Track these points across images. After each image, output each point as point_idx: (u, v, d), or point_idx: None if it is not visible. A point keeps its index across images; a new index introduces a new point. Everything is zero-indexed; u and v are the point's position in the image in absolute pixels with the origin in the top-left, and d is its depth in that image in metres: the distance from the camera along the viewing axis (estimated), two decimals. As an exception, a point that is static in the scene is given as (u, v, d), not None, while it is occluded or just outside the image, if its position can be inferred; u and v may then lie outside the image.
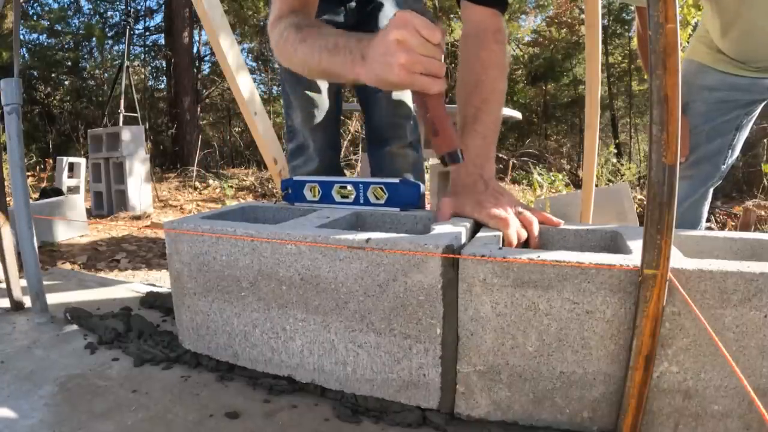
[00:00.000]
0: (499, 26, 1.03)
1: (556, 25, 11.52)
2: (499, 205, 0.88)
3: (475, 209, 0.89)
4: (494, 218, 0.86)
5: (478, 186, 0.93)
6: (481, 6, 1.02)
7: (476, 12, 1.02)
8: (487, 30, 1.01)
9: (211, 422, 0.77)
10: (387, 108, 1.46)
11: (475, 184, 0.93)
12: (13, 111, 1.16)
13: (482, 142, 0.96)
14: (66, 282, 1.53)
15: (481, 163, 0.95)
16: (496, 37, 1.01)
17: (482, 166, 0.95)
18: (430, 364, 0.75)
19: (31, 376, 0.91)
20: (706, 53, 1.43)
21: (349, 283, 0.78)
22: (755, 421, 0.67)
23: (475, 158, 0.94)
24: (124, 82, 6.04)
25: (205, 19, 1.78)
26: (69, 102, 10.56)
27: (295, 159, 1.56)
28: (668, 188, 0.58)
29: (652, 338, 0.63)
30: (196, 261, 0.91)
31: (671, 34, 0.54)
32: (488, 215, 0.87)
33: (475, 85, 0.99)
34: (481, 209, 0.88)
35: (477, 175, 0.94)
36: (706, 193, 1.52)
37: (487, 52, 1.00)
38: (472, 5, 1.03)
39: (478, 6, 1.02)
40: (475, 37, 1.02)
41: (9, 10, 6.40)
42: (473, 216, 0.89)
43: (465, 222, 0.88)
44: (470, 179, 0.94)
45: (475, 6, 1.02)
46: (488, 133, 0.97)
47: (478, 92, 0.98)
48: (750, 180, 6.10)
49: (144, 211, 4.34)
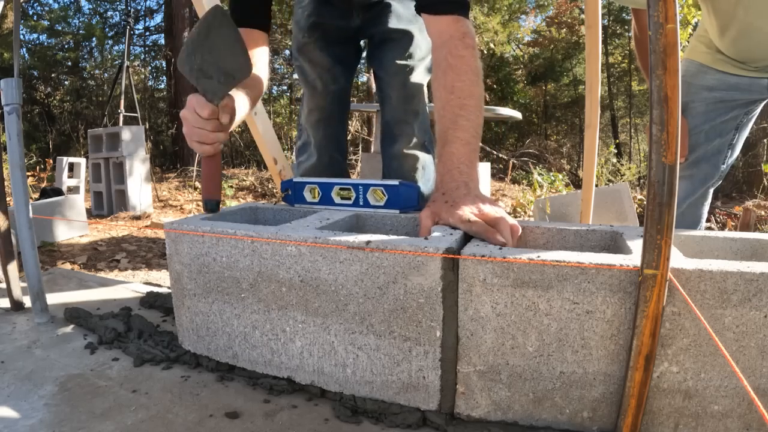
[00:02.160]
0: (464, 31, 1.01)
1: (556, 25, 11.51)
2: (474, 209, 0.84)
3: (450, 213, 0.85)
4: (464, 222, 0.82)
5: (459, 190, 0.89)
6: (441, 15, 1.01)
7: (438, 22, 1.02)
8: (453, 37, 1.00)
9: (211, 422, 0.77)
10: (396, 104, 1.46)
11: (457, 188, 0.90)
12: (13, 111, 1.16)
13: (465, 149, 0.93)
14: (66, 282, 1.53)
15: (466, 171, 0.91)
16: (465, 42, 1.00)
17: (468, 173, 0.91)
18: (429, 367, 0.75)
19: (31, 376, 0.91)
20: (705, 53, 1.42)
21: (349, 285, 0.78)
22: (755, 421, 0.67)
23: (459, 165, 0.91)
24: (124, 82, 6.04)
25: (205, 20, 1.78)
26: (69, 102, 10.56)
27: (300, 155, 1.60)
28: (668, 188, 0.58)
29: (652, 338, 0.63)
30: (197, 262, 0.91)
31: (671, 34, 0.54)
32: (459, 219, 0.83)
33: (450, 92, 0.97)
34: (454, 213, 0.84)
35: (461, 182, 0.90)
36: (706, 193, 1.52)
37: (457, 59, 0.98)
38: (432, 17, 1.03)
39: (439, 16, 1.02)
40: (442, 46, 1.01)
41: (9, 10, 6.41)
42: (448, 221, 0.85)
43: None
44: (453, 184, 0.90)
45: (436, 17, 1.02)
46: (470, 139, 0.94)
47: (455, 98, 0.96)
48: (750, 180, 6.10)
49: (144, 211, 4.33)
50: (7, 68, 8.03)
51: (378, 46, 1.48)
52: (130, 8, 10.75)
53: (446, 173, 0.92)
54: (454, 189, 0.90)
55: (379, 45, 1.47)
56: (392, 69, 1.44)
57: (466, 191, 0.89)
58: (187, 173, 6.61)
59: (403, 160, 1.47)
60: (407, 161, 1.47)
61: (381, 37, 1.46)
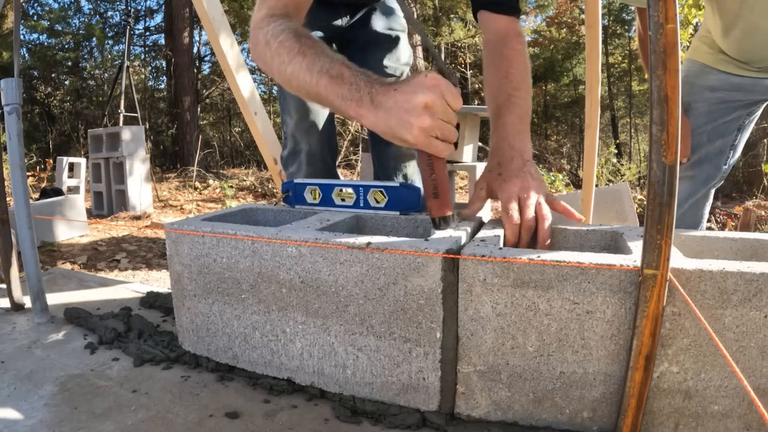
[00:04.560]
0: (518, 30, 1.10)
1: (556, 25, 11.52)
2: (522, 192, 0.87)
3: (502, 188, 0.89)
4: (504, 210, 0.86)
5: (515, 162, 0.92)
6: (500, 14, 1.09)
7: (497, 20, 1.10)
8: (510, 34, 1.08)
9: (211, 422, 0.77)
10: None
11: (512, 159, 0.93)
12: (13, 111, 1.16)
13: (519, 121, 0.98)
14: (66, 282, 1.53)
15: (520, 140, 0.95)
16: (519, 39, 1.08)
17: (522, 143, 0.95)
18: (429, 368, 0.75)
19: (31, 376, 0.91)
20: (707, 53, 1.42)
21: (350, 286, 0.78)
22: (755, 421, 0.67)
23: (516, 134, 0.96)
24: (124, 82, 6.04)
25: (205, 19, 1.79)
26: (69, 102, 10.56)
27: (290, 165, 1.51)
28: (668, 188, 0.58)
29: (652, 338, 0.63)
30: (197, 263, 0.91)
31: (671, 34, 0.54)
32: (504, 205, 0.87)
33: (504, 76, 1.03)
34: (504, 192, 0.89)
35: (516, 151, 0.94)
36: (707, 194, 1.52)
37: (512, 51, 1.06)
38: (492, 14, 1.10)
39: (498, 15, 1.09)
40: (499, 41, 1.08)
41: (9, 10, 6.41)
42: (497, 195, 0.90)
43: (466, 226, 0.88)
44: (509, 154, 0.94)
45: (495, 15, 1.10)
46: (523, 115, 0.99)
47: (508, 82, 1.02)
48: (750, 180, 6.10)
49: (144, 211, 4.34)
50: (7, 68, 8.03)
51: (362, 49, 1.46)
52: (130, 8, 10.76)
53: (502, 141, 0.95)
54: (509, 160, 0.93)
55: (364, 47, 1.46)
56: (383, 71, 1.43)
57: (521, 163, 0.92)
58: (187, 173, 6.61)
59: (402, 159, 1.47)
60: (405, 160, 1.47)
61: (366, 39, 1.46)
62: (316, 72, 0.78)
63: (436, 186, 0.79)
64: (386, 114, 0.73)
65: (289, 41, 0.84)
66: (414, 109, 0.71)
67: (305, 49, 0.82)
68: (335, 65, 0.78)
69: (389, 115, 0.73)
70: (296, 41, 0.83)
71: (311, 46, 0.82)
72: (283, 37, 0.84)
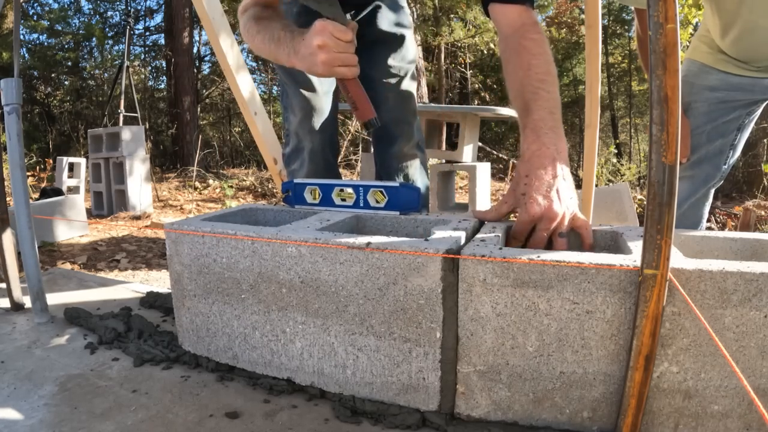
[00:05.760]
0: (534, 20, 1.03)
1: (556, 25, 11.52)
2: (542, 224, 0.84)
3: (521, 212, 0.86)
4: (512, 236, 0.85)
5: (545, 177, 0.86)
6: (512, 5, 1.03)
7: (509, 12, 1.04)
8: (525, 24, 1.02)
9: (211, 422, 0.77)
10: (394, 104, 1.45)
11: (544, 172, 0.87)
12: (13, 111, 1.16)
13: (550, 117, 0.91)
14: (66, 282, 1.53)
15: (554, 138, 0.89)
16: (535, 28, 1.02)
17: (556, 141, 0.89)
18: (429, 368, 0.75)
19: (31, 376, 0.91)
20: (707, 53, 1.42)
21: (350, 286, 0.78)
22: (755, 421, 0.67)
23: (548, 131, 0.90)
24: (124, 82, 6.03)
25: (205, 19, 1.79)
26: (69, 102, 10.56)
27: (292, 163, 1.53)
28: (668, 188, 0.58)
29: (652, 338, 0.63)
30: (197, 263, 0.91)
31: (671, 34, 0.54)
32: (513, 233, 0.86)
33: (528, 69, 0.97)
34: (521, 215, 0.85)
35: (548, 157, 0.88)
36: (707, 194, 1.52)
37: (530, 41, 1.00)
38: (503, 6, 1.04)
39: (508, 5, 1.04)
40: (514, 33, 1.02)
41: (9, 10, 6.41)
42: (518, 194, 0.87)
43: (466, 226, 0.88)
44: (538, 162, 0.87)
45: (507, 6, 1.04)
46: (553, 109, 0.93)
47: (532, 74, 0.96)
48: (750, 180, 6.10)
49: (144, 211, 4.33)
50: (7, 68, 8.03)
51: (368, 47, 1.47)
52: (130, 8, 10.76)
53: (533, 141, 0.89)
54: (538, 175, 0.86)
55: (371, 46, 1.46)
56: (387, 70, 1.43)
57: (551, 177, 0.86)
58: (187, 173, 6.61)
59: (404, 159, 1.47)
60: (408, 160, 1.47)
61: (372, 37, 1.46)
62: (267, 42, 1.08)
63: (354, 101, 1.01)
64: (302, 59, 0.99)
65: (251, 24, 1.12)
66: (312, 50, 0.96)
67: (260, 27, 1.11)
68: (275, 32, 1.06)
69: (303, 59, 0.99)
70: (255, 23, 1.12)
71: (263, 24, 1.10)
72: (249, 23, 1.13)
